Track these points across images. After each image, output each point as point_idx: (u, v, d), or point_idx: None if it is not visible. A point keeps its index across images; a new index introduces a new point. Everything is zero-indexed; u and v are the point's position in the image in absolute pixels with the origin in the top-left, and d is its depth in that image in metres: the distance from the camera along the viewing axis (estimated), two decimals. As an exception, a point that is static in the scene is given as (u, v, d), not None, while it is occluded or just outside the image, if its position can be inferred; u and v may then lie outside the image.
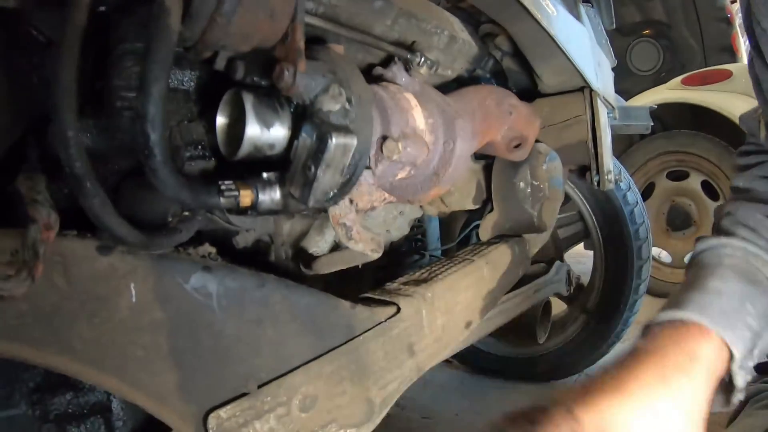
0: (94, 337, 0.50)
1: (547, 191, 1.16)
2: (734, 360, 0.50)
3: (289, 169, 0.50)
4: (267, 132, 0.50)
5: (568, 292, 1.69)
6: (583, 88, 1.18)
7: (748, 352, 0.51)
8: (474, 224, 1.60)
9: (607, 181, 1.22)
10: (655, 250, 2.56)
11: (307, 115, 0.50)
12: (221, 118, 0.54)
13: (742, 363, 0.50)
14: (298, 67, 0.46)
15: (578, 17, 1.24)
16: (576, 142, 1.21)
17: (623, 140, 3.37)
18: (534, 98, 1.19)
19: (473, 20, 1.00)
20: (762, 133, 0.67)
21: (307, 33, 0.49)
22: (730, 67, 3.39)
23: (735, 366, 0.50)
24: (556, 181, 1.18)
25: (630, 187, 1.76)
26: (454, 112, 0.76)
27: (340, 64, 0.52)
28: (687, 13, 4.39)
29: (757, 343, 0.52)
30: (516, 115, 0.95)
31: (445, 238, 1.67)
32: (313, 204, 0.50)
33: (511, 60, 1.09)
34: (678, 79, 3.43)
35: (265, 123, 0.50)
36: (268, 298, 0.58)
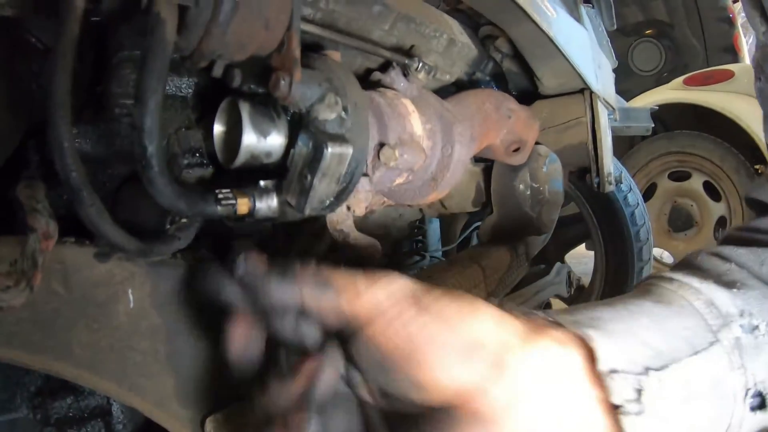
0: (93, 343, 0.50)
1: (547, 193, 1.16)
2: (597, 360, 0.41)
3: (286, 178, 0.50)
4: (263, 140, 0.50)
5: (569, 294, 1.69)
6: (584, 90, 1.18)
7: (631, 362, 0.42)
8: (474, 226, 1.60)
9: (607, 183, 1.22)
10: (656, 251, 2.56)
11: (304, 124, 0.51)
12: (218, 126, 0.54)
13: (622, 368, 0.41)
14: (294, 76, 0.46)
15: (579, 19, 1.24)
16: (576, 143, 1.21)
17: (625, 141, 3.37)
18: (534, 100, 1.19)
19: (472, 23, 1.00)
20: None
21: (303, 39, 0.50)
22: (732, 68, 3.39)
23: (602, 366, 0.41)
24: (556, 183, 1.18)
25: (631, 189, 1.76)
26: (453, 116, 0.76)
27: (337, 73, 0.53)
28: (689, 13, 4.38)
29: (660, 365, 0.43)
30: (515, 118, 0.95)
31: (446, 239, 1.67)
32: (309, 212, 0.50)
33: (511, 62, 1.09)
34: (680, 80, 3.43)
35: (262, 131, 0.50)
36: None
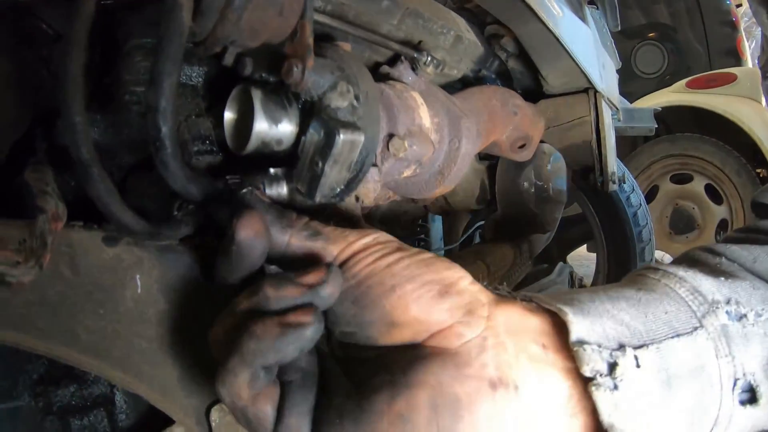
0: (99, 328, 0.50)
1: (551, 192, 1.16)
2: (569, 331, 0.40)
3: (297, 165, 0.50)
4: (275, 127, 0.50)
5: (570, 294, 1.69)
6: (588, 90, 1.18)
7: (604, 337, 0.40)
8: (477, 224, 1.60)
9: (610, 183, 1.22)
10: (657, 254, 2.56)
11: (315, 112, 0.51)
12: (229, 114, 0.54)
13: (595, 341, 0.40)
14: (306, 63, 0.46)
15: (583, 19, 1.24)
16: (580, 143, 1.21)
17: (627, 143, 3.38)
18: (538, 99, 1.20)
19: (479, 21, 1.01)
20: None
21: (315, 30, 0.50)
22: (734, 71, 3.39)
23: (573, 338, 0.40)
24: (560, 181, 1.18)
25: (634, 189, 1.76)
26: (460, 111, 0.77)
27: (348, 62, 0.53)
28: (692, 17, 4.40)
29: (637, 344, 0.40)
30: (521, 115, 0.96)
31: (448, 239, 1.67)
32: (319, 199, 0.50)
33: (516, 61, 1.09)
34: (682, 82, 3.44)
35: (273, 119, 0.50)
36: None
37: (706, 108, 3.15)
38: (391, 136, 0.59)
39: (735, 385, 0.42)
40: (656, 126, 2.34)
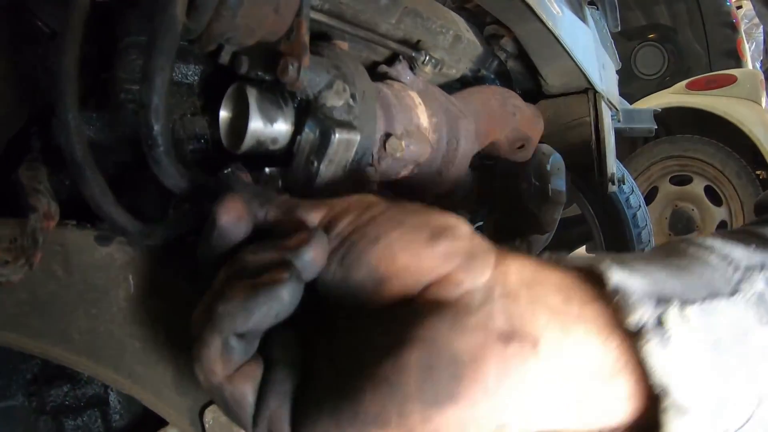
0: (92, 328, 0.50)
1: (549, 192, 1.16)
2: (608, 278, 0.35)
3: (292, 164, 0.50)
4: (270, 126, 0.50)
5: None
6: (588, 90, 1.18)
7: (645, 293, 0.34)
8: (476, 225, 1.59)
9: (609, 184, 1.21)
10: (656, 255, 2.56)
11: (311, 111, 0.50)
12: (224, 112, 0.53)
13: (638, 293, 0.34)
14: (302, 62, 0.46)
15: (583, 19, 1.24)
16: (579, 143, 1.21)
17: (627, 144, 3.37)
18: (537, 99, 1.19)
19: (478, 21, 1.00)
20: None
21: (311, 29, 0.49)
22: (734, 72, 3.40)
23: (611, 286, 0.34)
24: (559, 181, 1.17)
25: (633, 191, 1.76)
26: (458, 111, 0.76)
27: (345, 61, 0.52)
28: (692, 18, 4.40)
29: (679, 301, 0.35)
30: (520, 115, 0.95)
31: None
32: (314, 199, 0.49)
33: (516, 61, 1.09)
34: (682, 84, 3.44)
35: (269, 117, 0.50)
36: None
37: (706, 109, 3.15)
38: (388, 135, 0.59)
39: None
40: (656, 127, 2.33)
